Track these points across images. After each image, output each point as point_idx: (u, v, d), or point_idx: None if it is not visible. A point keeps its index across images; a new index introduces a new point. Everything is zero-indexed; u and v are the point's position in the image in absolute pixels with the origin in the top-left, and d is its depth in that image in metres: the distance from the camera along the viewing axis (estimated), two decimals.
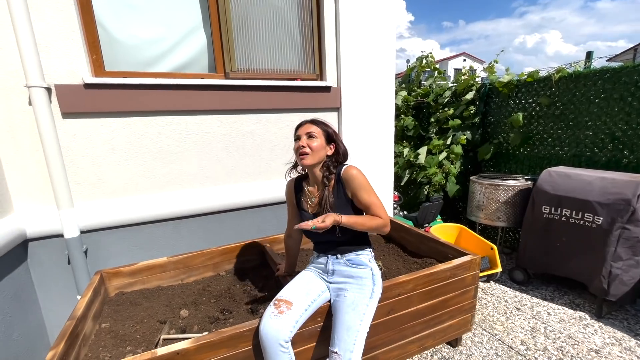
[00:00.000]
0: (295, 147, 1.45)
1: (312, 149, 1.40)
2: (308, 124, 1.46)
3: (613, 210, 2.14)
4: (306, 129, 1.44)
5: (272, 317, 1.28)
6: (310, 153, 1.40)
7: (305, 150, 1.40)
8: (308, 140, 1.41)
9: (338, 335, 1.31)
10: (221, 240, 2.32)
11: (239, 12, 2.23)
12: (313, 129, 1.43)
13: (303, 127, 1.46)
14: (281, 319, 1.27)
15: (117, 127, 2.01)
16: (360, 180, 1.42)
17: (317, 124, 1.46)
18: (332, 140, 1.48)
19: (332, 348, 1.31)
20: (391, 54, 2.71)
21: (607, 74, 2.51)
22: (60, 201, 1.87)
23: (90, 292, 1.63)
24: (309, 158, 1.41)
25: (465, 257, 1.86)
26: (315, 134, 1.43)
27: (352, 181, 1.41)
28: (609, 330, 2.14)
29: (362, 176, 1.43)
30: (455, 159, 3.58)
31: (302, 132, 1.44)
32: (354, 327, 1.32)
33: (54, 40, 1.79)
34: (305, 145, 1.40)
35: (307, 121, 1.48)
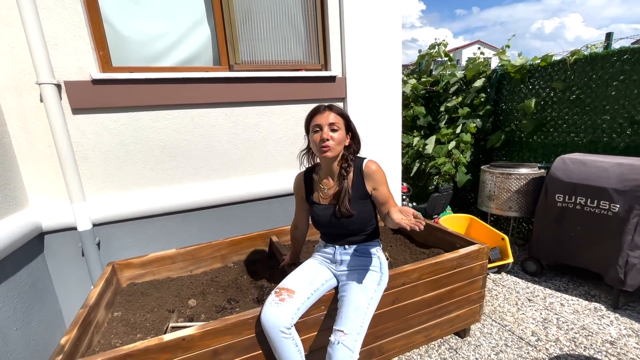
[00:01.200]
0: (316, 139, 1.35)
1: (336, 141, 1.34)
2: (328, 112, 1.35)
3: (631, 197, 2.05)
4: (327, 118, 1.34)
5: (273, 304, 1.29)
6: (333, 146, 1.34)
7: (329, 144, 1.33)
8: (331, 133, 1.33)
9: (346, 314, 1.30)
10: (229, 232, 2.35)
11: (242, 5, 2.22)
12: (336, 119, 1.34)
13: (322, 115, 1.35)
14: (282, 306, 1.28)
15: (125, 122, 2.05)
16: (382, 175, 1.42)
17: (337, 112, 1.37)
18: (350, 128, 1.43)
19: (337, 327, 1.29)
20: (397, 42, 2.65)
21: (627, 54, 2.39)
22: (73, 195, 1.93)
23: (103, 282, 1.68)
24: (332, 151, 1.35)
25: (473, 246, 1.83)
26: (339, 124, 1.35)
27: (374, 176, 1.40)
28: (626, 322, 2.07)
29: (382, 171, 1.43)
30: (465, 148, 3.50)
31: (324, 122, 1.33)
32: (362, 308, 1.33)
33: (62, 37, 1.83)
34: (329, 138, 1.32)
35: (326, 108, 1.37)
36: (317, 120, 1.36)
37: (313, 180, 1.55)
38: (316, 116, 1.37)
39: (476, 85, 3.46)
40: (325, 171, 1.49)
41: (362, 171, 1.42)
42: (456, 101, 3.63)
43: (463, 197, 3.99)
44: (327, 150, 1.34)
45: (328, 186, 1.49)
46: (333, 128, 1.34)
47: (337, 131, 1.34)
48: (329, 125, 1.33)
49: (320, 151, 1.36)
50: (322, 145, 1.33)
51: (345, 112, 1.42)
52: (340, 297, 1.41)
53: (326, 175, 1.49)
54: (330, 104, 1.40)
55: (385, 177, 1.42)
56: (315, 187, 1.54)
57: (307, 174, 1.58)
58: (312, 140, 1.39)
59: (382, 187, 1.41)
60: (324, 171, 1.49)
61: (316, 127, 1.36)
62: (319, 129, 1.35)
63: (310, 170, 1.59)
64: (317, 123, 1.35)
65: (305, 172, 1.60)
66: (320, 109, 1.37)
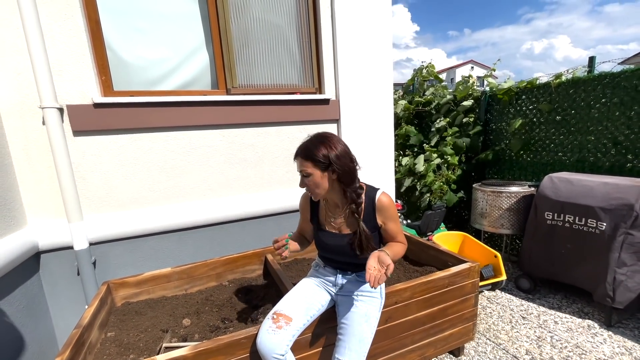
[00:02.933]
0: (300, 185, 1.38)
1: (311, 186, 1.33)
2: (300, 160, 1.33)
3: (616, 216, 2.11)
4: (298, 166, 1.34)
5: (270, 331, 1.29)
6: (313, 190, 1.35)
7: (308, 190, 1.37)
8: (305, 179, 1.33)
9: (349, 345, 1.31)
10: (224, 251, 2.37)
11: (239, 32, 2.33)
12: (304, 166, 1.31)
13: (297, 162, 1.35)
14: (278, 334, 1.28)
15: (124, 143, 2.11)
16: (393, 209, 1.42)
17: (305, 158, 1.31)
18: (328, 166, 1.29)
19: (340, 356, 1.30)
20: (388, 66, 2.77)
21: (606, 79, 2.51)
22: (71, 215, 1.96)
23: (97, 302, 1.69)
24: (315, 194, 1.36)
25: (464, 264, 1.86)
26: (307, 170, 1.31)
27: (387, 211, 1.41)
28: (619, 340, 2.08)
29: (393, 205, 1.43)
30: (457, 167, 3.58)
31: (299, 170, 1.35)
32: (366, 339, 1.34)
33: (67, 64, 1.91)
34: (303, 186, 1.36)
35: (298, 154, 1.34)
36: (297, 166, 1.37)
37: (319, 204, 1.52)
38: (295, 161, 1.36)
39: (464, 105, 3.58)
40: (330, 200, 1.45)
41: (374, 203, 1.41)
42: (445, 121, 3.74)
43: (457, 214, 4.03)
44: (312, 195, 1.38)
45: (335, 214, 1.46)
46: (304, 174, 1.32)
47: (308, 177, 1.31)
48: (300, 172, 1.34)
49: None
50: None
51: (316, 151, 1.28)
52: (343, 325, 1.39)
53: (333, 203, 1.45)
54: (303, 144, 1.34)
55: (396, 211, 1.44)
56: (322, 211, 1.51)
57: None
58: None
59: (393, 222, 1.43)
60: (330, 200, 1.45)
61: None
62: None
63: None
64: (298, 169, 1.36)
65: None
66: (296, 154, 1.35)
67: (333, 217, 1.46)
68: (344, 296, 1.49)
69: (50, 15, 1.85)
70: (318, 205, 1.52)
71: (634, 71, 2.38)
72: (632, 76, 2.38)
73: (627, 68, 2.47)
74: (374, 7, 2.63)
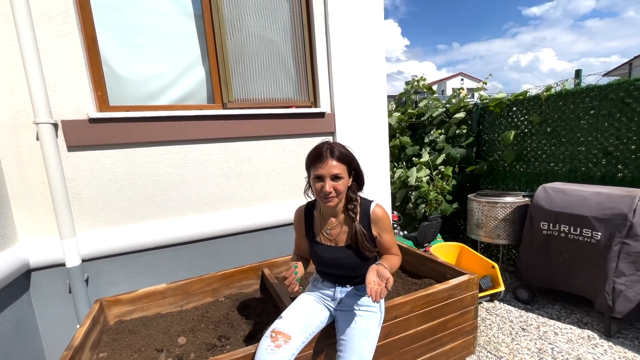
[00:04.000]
0: (318, 188, 1.29)
1: (340, 191, 1.29)
2: (330, 161, 1.26)
3: (610, 225, 2.13)
4: (330, 169, 1.26)
5: (269, 350, 1.25)
6: (336, 196, 1.30)
7: (332, 195, 1.28)
8: (334, 184, 1.27)
9: None
10: (221, 265, 2.33)
11: (235, 47, 2.36)
12: (338, 169, 1.27)
13: (325, 164, 1.26)
14: (277, 353, 1.24)
15: (119, 158, 2.09)
16: (388, 221, 1.41)
17: (339, 159, 1.28)
18: (352, 168, 1.35)
19: None
20: (382, 79, 2.82)
21: (593, 91, 2.58)
22: (63, 231, 1.93)
23: (89, 321, 1.64)
24: (336, 200, 1.31)
25: (463, 276, 1.85)
26: (341, 173, 1.27)
27: (381, 222, 1.40)
28: (619, 350, 2.07)
29: (388, 216, 1.42)
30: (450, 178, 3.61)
31: (326, 173, 1.26)
32: (366, 356, 1.31)
33: (62, 80, 1.91)
34: (331, 190, 1.27)
35: (327, 155, 1.27)
36: (318, 170, 1.28)
37: (314, 217, 1.49)
38: (317, 165, 1.28)
39: (457, 117, 3.64)
40: (327, 211, 1.43)
41: (369, 215, 1.40)
42: (438, 132, 3.79)
43: (453, 225, 4.04)
44: (330, 201, 1.30)
45: (330, 226, 1.44)
46: (336, 177, 1.27)
47: (340, 179, 1.28)
48: (330, 176, 1.27)
49: (323, 201, 1.32)
50: (325, 197, 1.29)
51: (348, 152, 1.32)
52: (342, 342, 1.36)
53: (328, 215, 1.43)
54: (332, 146, 1.30)
55: (390, 223, 1.43)
56: (316, 224, 1.48)
57: (307, 209, 1.53)
58: (314, 187, 1.33)
59: (387, 234, 1.42)
60: (326, 211, 1.43)
61: (317, 177, 1.30)
62: (320, 179, 1.29)
63: (310, 205, 1.53)
64: (319, 174, 1.28)
65: (306, 206, 1.54)
66: (322, 155, 1.28)
67: (328, 229, 1.45)
68: (343, 311, 1.46)
69: (47, 33, 1.86)
70: (312, 218, 1.51)
71: (620, 83, 2.45)
72: (618, 88, 2.45)
73: (614, 80, 2.54)
74: (366, 23, 2.70)
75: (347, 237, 1.42)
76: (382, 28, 2.78)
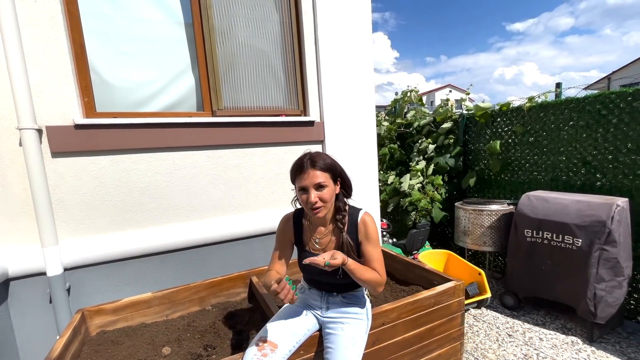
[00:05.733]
0: (304, 200, 1.29)
1: (325, 200, 1.28)
2: (312, 171, 1.26)
3: (590, 232, 2.20)
4: (312, 178, 1.26)
5: (255, 359, 1.25)
6: (324, 205, 1.29)
7: (318, 205, 1.27)
8: (318, 193, 1.26)
9: None
10: (208, 274, 2.30)
11: (225, 55, 2.38)
12: (321, 178, 1.26)
13: (306, 175, 1.26)
14: None
15: (105, 165, 2.07)
16: (374, 231, 1.39)
17: (321, 168, 1.28)
18: (337, 176, 1.35)
19: None
20: (370, 88, 2.88)
21: (572, 103, 2.69)
22: (45, 239, 1.88)
23: (70, 332, 1.59)
24: (324, 210, 1.30)
25: (449, 283, 1.88)
26: (324, 182, 1.27)
27: (366, 230, 1.39)
28: (602, 355, 2.12)
29: (375, 227, 1.41)
30: (440, 186, 3.67)
31: (309, 184, 1.26)
32: None
33: (48, 86, 1.89)
34: (318, 200, 1.26)
35: (307, 165, 1.27)
36: (301, 182, 1.28)
37: (303, 226, 1.48)
38: (300, 176, 1.28)
39: (444, 127, 3.73)
40: (316, 220, 1.42)
41: (357, 223, 1.40)
42: (427, 142, 3.87)
43: (441, 232, 4.09)
44: (318, 212, 1.28)
45: (320, 235, 1.43)
46: (320, 186, 1.27)
47: (325, 188, 1.27)
48: (314, 186, 1.26)
49: (312, 213, 1.30)
50: (312, 208, 1.28)
51: (330, 160, 1.33)
52: (329, 350, 1.35)
53: (318, 223, 1.43)
54: (313, 156, 1.30)
55: (377, 235, 1.41)
56: (306, 233, 1.47)
57: (296, 217, 1.51)
58: (300, 199, 1.33)
59: (371, 244, 1.39)
60: (315, 220, 1.42)
61: (301, 189, 1.29)
62: (304, 191, 1.28)
63: (299, 212, 1.52)
64: (302, 185, 1.27)
65: (295, 214, 1.52)
66: (303, 166, 1.28)
67: (318, 238, 1.45)
68: (330, 319, 1.46)
69: (34, 38, 1.85)
70: (302, 227, 1.50)
71: (596, 96, 2.56)
72: (595, 101, 2.56)
73: (591, 93, 2.65)
74: (355, 34, 2.76)
75: (335, 246, 1.42)
76: (370, 39, 2.85)
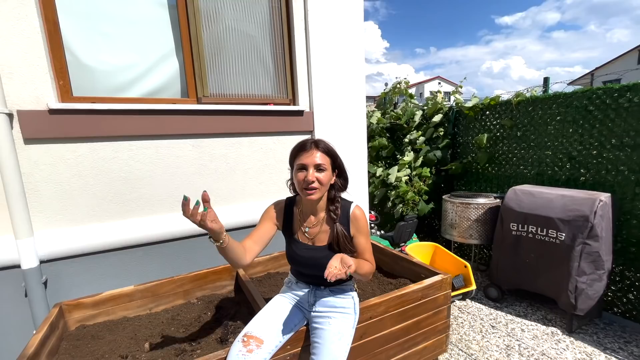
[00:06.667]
0: (300, 178, 1.27)
1: (322, 183, 1.26)
2: (314, 151, 1.26)
3: (574, 227, 2.24)
4: (314, 158, 1.25)
5: (240, 356, 1.21)
6: (319, 188, 1.26)
7: (314, 186, 1.25)
8: (317, 174, 1.25)
9: None
10: (194, 266, 2.25)
11: (211, 40, 2.28)
12: (323, 158, 1.26)
13: (309, 154, 1.26)
14: (249, 358, 1.21)
15: (83, 152, 1.97)
16: (366, 224, 1.40)
17: (324, 151, 1.28)
18: (336, 165, 1.34)
19: None
20: (361, 78, 2.82)
21: (560, 98, 2.71)
22: (19, 230, 1.78)
23: (47, 326, 1.53)
24: (318, 193, 1.27)
25: (436, 276, 1.88)
26: (325, 165, 1.26)
27: (358, 223, 1.38)
28: (580, 345, 2.18)
29: (366, 220, 1.42)
30: (427, 178, 3.68)
31: (309, 162, 1.25)
32: (340, 358, 1.29)
33: (19, 66, 1.77)
34: (315, 180, 1.24)
35: (312, 145, 1.27)
36: (302, 159, 1.27)
37: (294, 213, 1.46)
38: (302, 154, 1.28)
39: (434, 120, 3.72)
40: (307, 208, 1.41)
41: (348, 215, 1.39)
42: (417, 134, 3.86)
43: (429, 225, 4.13)
44: (312, 193, 1.26)
45: (310, 225, 1.41)
46: (320, 168, 1.26)
47: (323, 172, 1.26)
48: (314, 166, 1.25)
49: (305, 193, 1.28)
50: (307, 188, 1.26)
51: (333, 148, 1.32)
52: (316, 345, 1.33)
53: (308, 212, 1.41)
54: (317, 139, 1.31)
55: (368, 227, 1.42)
56: (295, 221, 1.45)
57: (288, 204, 1.48)
58: (296, 179, 1.29)
59: (363, 236, 1.40)
60: (307, 208, 1.41)
61: (300, 167, 1.27)
62: (303, 169, 1.27)
63: (291, 200, 1.49)
64: (302, 162, 1.26)
65: (287, 201, 1.50)
66: (307, 145, 1.28)
67: (307, 227, 1.42)
68: (318, 313, 1.44)
69: (1, 15, 1.71)
70: (292, 214, 1.46)
71: (584, 92, 2.58)
72: (582, 96, 2.58)
73: (578, 89, 2.67)
74: (346, 22, 2.69)
75: (327, 237, 1.40)
76: (362, 28, 2.78)
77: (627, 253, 2.38)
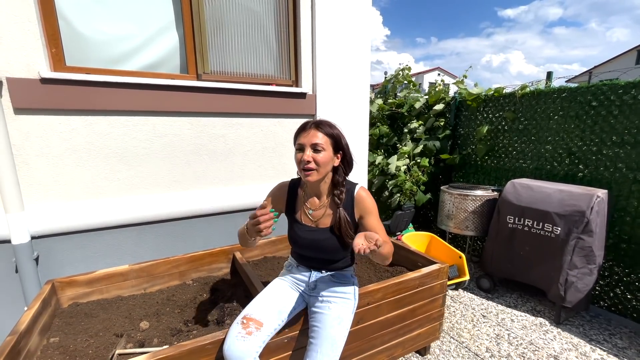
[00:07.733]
0: (298, 159, 1.26)
1: (319, 164, 1.24)
2: (313, 131, 1.25)
3: (570, 221, 2.26)
4: (311, 138, 1.24)
5: (239, 338, 1.20)
6: (316, 169, 1.24)
7: (311, 166, 1.23)
8: (313, 154, 1.23)
9: (322, 350, 1.25)
10: (190, 247, 2.23)
11: (213, 14, 2.18)
12: (319, 139, 1.24)
13: (307, 133, 1.25)
14: (248, 340, 1.20)
15: (77, 126, 1.89)
16: (373, 204, 1.35)
17: (323, 130, 1.26)
18: (340, 147, 1.31)
19: None
20: (366, 63, 2.75)
21: (565, 93, 2.68)
22: (9, 204, 1.72)
23: (39, 303, 1.49)
24: (315, 174, 1.25)
25: (434, 265, 1.90)
26: (322, 145, 1.24)
27: (364, 204, 1.34)
28: (567, 336, 2.24)
29: (373, 199, 1.37)
30: (426, 168, 3.67)
31: (306, 142, 1.24)
32: (339, 342, 1.29)
33: (8, 30, 1.66)
34: (311, 160, 1.22)
35: (311, 126, 1.27)
36: (300, 139, 1.26)
37: (297, 195, 1.44)
38: (301, 134, 1.27)
39: (436, 109, 3.68)
40: (311, 190, 1.39)
41: (353, 198, 1.36)
42: (418, 123, 3.82)
43: (424, 215, 4.15)
44: (309, 174, 1.24)
45: (314, 207, 1.39)
46: (316, 149, 1.23)
47: (320, 152, 1.24)
48: (311, 146, 1.23)
49: (302, 174, 1.27)
50: (304, 168, 1.24)
51: (336, 130, 1.30)
52: (315, 328, 1.33)
53: (312, 194, 1.39)
54: (319, 120, 1.29)
55: (376, 206, 1.38)
56: (299, 202, 1.43)
57: (292, 186, 1.46)
58: (296, 160, 1.28)
59: (372, 217, 1.35)
60: (310, 190, 1.39)
61: (299, 147, 1.27)
62: (301, 149, 1.25)
63: (296, 182, 1.47)
64: (300, 142, 1.26)
65: (291, 183, 1.47)
66: (307, 125, 1.28)
67: (312, 209, 1.40)
68: (317, 297, 1.44)
69: None
70: (296, 195, 1.44)
71: (589, 87, 2.56)
72: (586, 91, 2.56)
73: (583, 84, 2.65)
74: (354, 3, 2.59)
75: (331, 221, 1.38)
76: (369, 11, 2.69)
77: (618, 249, 2.42)
